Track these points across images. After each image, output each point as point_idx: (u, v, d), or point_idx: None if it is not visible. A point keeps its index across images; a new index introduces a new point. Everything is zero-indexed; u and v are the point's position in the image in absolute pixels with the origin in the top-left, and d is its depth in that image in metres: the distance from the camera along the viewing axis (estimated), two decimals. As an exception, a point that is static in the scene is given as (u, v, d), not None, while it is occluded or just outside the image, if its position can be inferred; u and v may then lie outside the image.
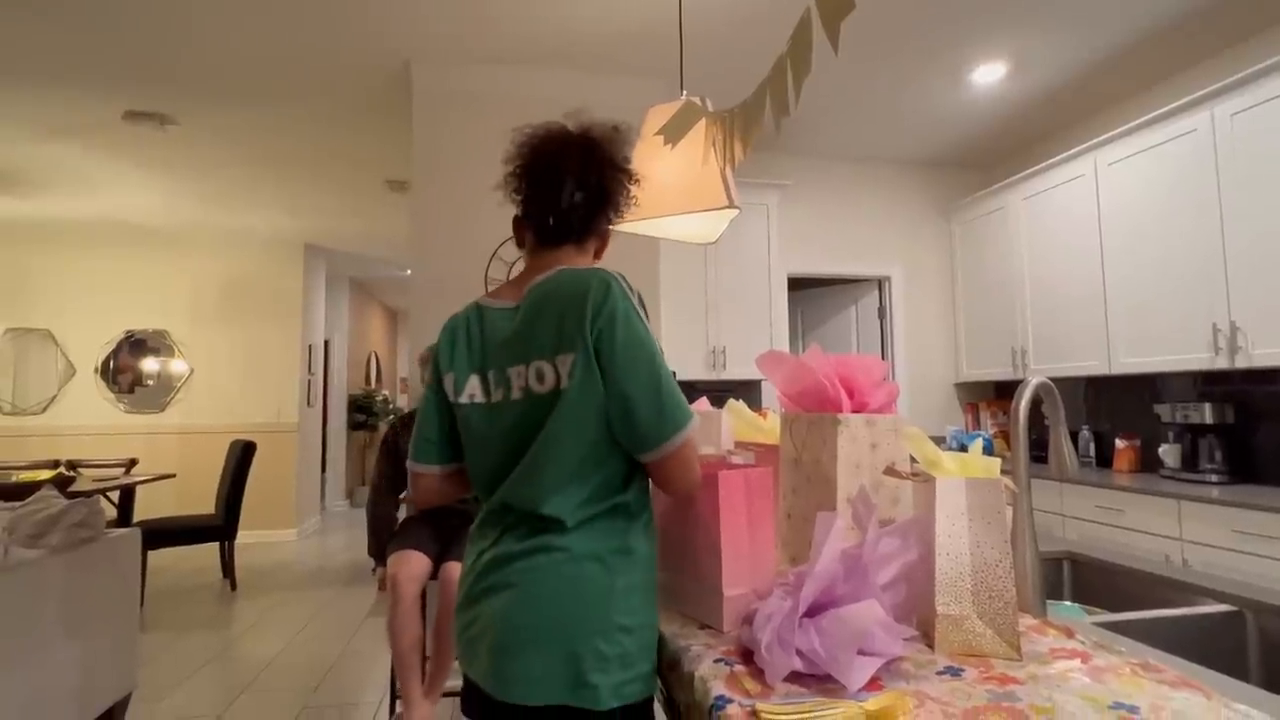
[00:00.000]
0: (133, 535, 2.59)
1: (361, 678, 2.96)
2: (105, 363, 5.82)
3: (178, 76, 3.16)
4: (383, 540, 2.45)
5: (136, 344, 5.88)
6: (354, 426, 7.98)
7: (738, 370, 3.71)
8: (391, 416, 8.10)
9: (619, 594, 0.89)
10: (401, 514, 2.68)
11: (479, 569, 0.95)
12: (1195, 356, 2.77)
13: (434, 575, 2.36)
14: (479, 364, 1.00)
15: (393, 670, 2.53)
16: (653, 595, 0.95)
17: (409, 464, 1.07)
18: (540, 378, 0.93)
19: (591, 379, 0.90)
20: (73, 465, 4.66)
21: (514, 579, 0.90)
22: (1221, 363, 2.66)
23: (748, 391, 3.86)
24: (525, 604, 0.88)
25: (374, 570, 2.43)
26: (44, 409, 5.72)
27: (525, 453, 0.93)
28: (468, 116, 3.17)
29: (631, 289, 0.95)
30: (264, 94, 3.34)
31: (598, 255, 1.10)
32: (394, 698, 2.47)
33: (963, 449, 1.02)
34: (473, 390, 1.00)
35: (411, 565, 2.25)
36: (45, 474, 3.89)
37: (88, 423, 5.75)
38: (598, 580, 0.88)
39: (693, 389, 3.51)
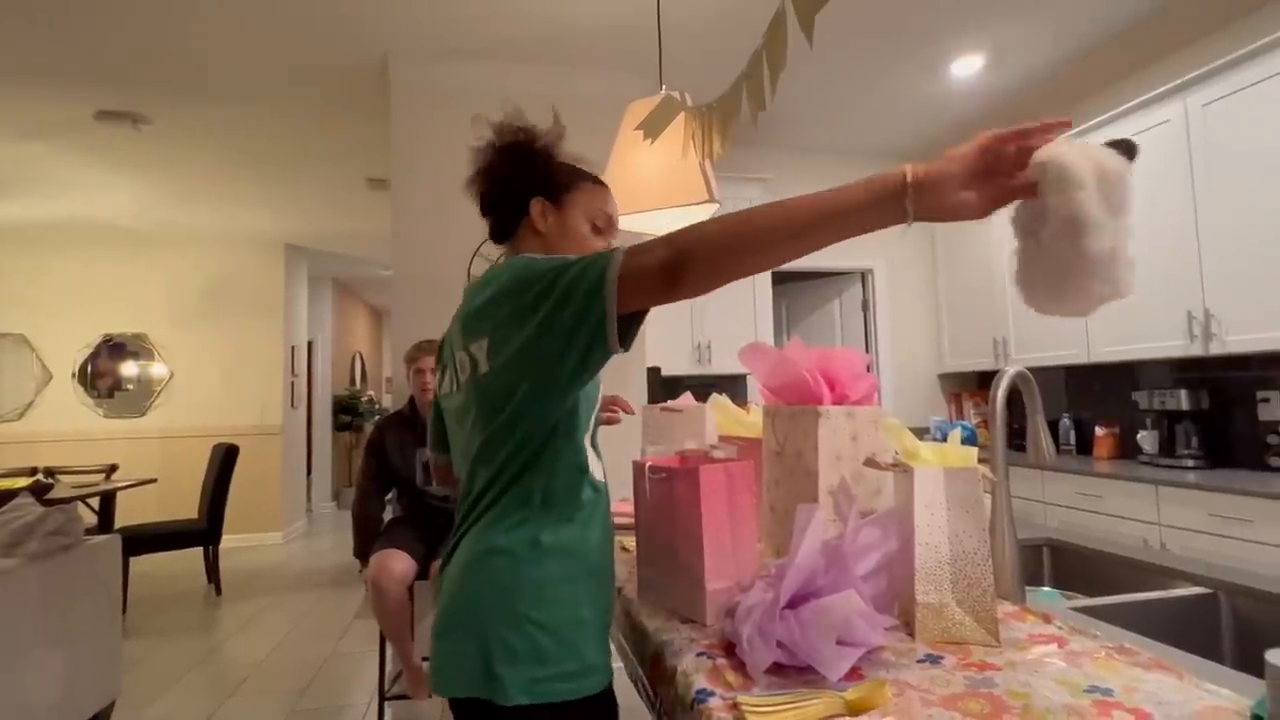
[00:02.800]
0: (112, 542, 2.56)
1: (349, 680, 2.95)
2: (83, 367, 5.72)
3: (150, 75, 3.11)
4: (368, 541, 2.43)
5: (115, 348, 5.79)
6: (339, 427, 7.91)
7: (723, 364, 3.72)
8: (377, 417, 8.04)
9: (528, 586, 0.86)
10: (387, 514, 2.67)
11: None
12: (1171, 344, 2.81)
13: (423, 575, 2.35)
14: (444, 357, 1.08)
15: (381, 672, 2.52)
16: (580, 591, 0.89)
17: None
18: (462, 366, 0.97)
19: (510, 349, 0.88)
20: (51, 472, 4.58)
21: (448, 572, 0.94)
22: (1196, 350, 2.70)
23: (733, 385, 3.87)
24: (448, 597, 0.91)
25: (360, 571, 2.42)
26: (20, 415, 5.62)
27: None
28: (447, 112, 3.14)
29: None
30: (239, 91, 3.30)
31: (544, 232, 1.03)
32: (382, 699, 2.47)
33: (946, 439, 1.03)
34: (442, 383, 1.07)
35: (394, 566, 2.24)
36: (22, 481, 3.83)
37: (66, 428, 5.66)
38: (504, 570, 0.87)
39: (679, 383, 3.51)
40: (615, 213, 1.09)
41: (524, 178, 1.04)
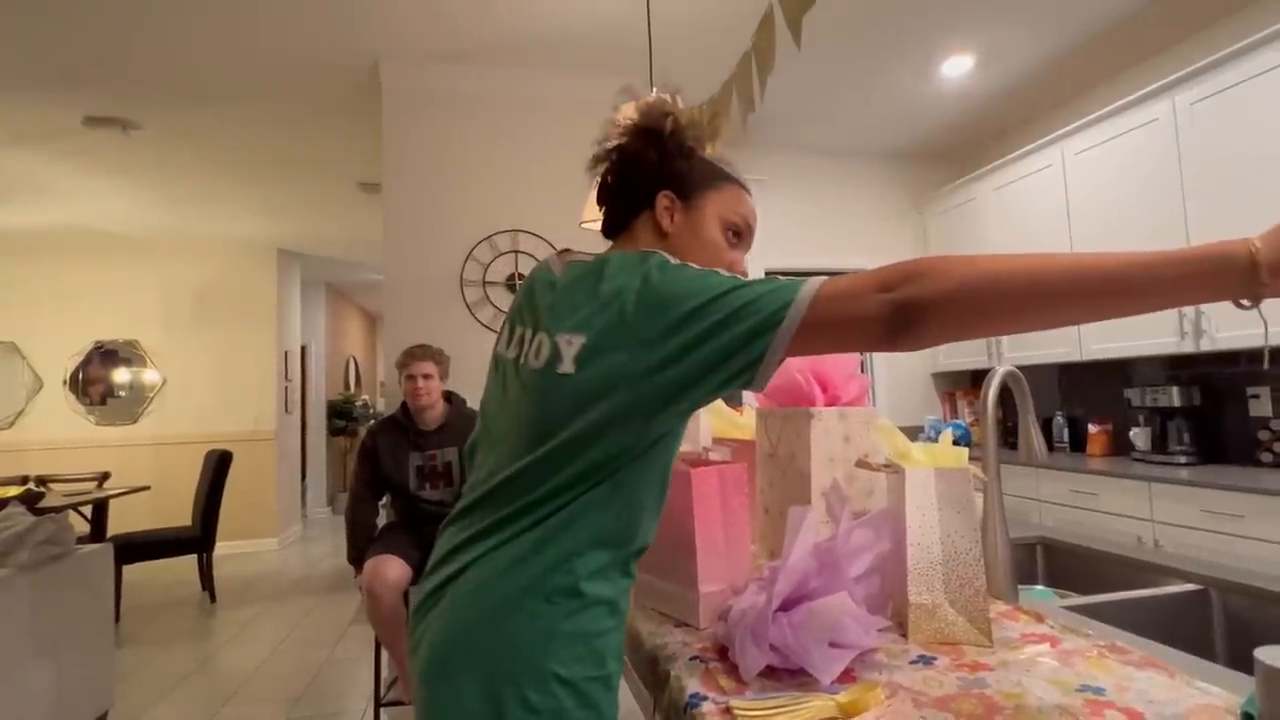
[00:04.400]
0: (104, 550, 2.54)
1: (345, 686, 2.93)
2: (74, 375, 5.69)
3: (139, 79, 3.09)
4: (361, 546, 2.42)
5: (107, 355, 5.75)
6: (334, 432, 7.88)
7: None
8: (372, 421, 8.02)
9: (561, 640, 0.71)
10: (382, 520, 2.66)
11: (431, 578, 0.80)
12: (1163, 341, 2.82)
13: (418, 581, 2.34)
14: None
15: (377, 677, 2.51)
16: (611, 643, 0.75)
17: None
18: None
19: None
20: (42, 481, 4.55)
21: (458, 596, 0.75)
22: (1188, 347, 2.72)
23: (728, 387, 3.87)
24: (455, 629, 0.73)
25: (355, 577, 2.40)
26: (10, 424, 5.57)
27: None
28: (438, 116, 3.14)
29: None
30: (230, 96, 3.28)
31: (669, 233, 0.86)
32: (378, 705, 2.45)
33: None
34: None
35: (388, 572, 2.23)
36: (13, 490, 3.80)
37: (57, 436, 5.62)
38: (540, 619, 0.71)
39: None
40: (755, 221, 0.92)
41: (652, 165, 0.85)
